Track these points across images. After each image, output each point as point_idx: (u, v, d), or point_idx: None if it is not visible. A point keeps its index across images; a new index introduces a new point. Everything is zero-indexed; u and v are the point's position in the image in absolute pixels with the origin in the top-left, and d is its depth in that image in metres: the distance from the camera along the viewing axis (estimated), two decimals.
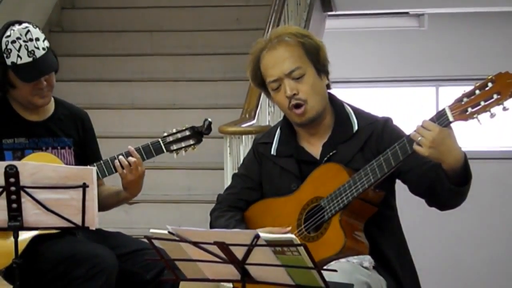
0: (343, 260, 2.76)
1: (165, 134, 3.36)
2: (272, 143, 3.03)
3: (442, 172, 2.70)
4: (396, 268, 2.87)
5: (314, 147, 2.96)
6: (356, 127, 2.92)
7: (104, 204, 3.35)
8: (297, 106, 2.88)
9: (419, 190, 2.84)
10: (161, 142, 3.33)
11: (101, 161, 3.29)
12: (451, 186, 2.70)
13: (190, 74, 7.40)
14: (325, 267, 2.67)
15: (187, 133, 3.36)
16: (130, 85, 7.36)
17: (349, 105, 3.00)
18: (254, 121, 5.54)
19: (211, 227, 3.06)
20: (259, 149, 3.06)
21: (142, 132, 6.80)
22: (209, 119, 3.36)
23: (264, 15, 6.70)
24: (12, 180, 2.82)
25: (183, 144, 3.35)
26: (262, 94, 5.76)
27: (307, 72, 2.89)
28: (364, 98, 10.41)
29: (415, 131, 2.67)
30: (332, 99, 2.99)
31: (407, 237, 2.98)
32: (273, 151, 3.01)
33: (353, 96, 9.72)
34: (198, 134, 3.36)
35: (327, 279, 2.31)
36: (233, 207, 3.05)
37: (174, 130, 3.35)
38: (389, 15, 9.94)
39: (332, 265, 2.73)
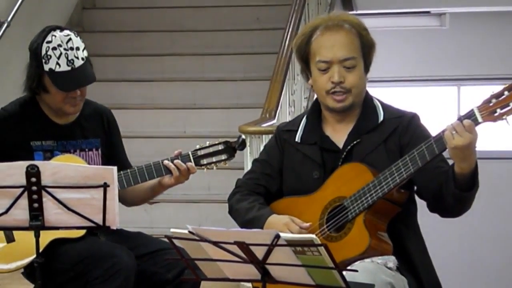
0: (367, 260, 2.74)
1: (198, 147, 3.28)
2: (297, 130, 3.03)
3: (451, 175, 2.69)
4: (417, 265, 2.86)
5: (339, 135, 2.95)
6: (381, 118, 2.93)
7: (136, 198, 3.39)
8: (339, 92, 2.89)
9: (425, 192, 2.84)
10: (191, 155, 3.26)
11: (135, 168, 3.24)
12: (455, 190, 2.68)
13: (211, 74, 7.41)
14: (348, 267, 2.66)
15: (220, 147, 3.28)
16: (151, 85, 7.38)
17: (378, 99, 3.02)
18: (275, 121, 5.54)
19: (232, 210, 3.05)
20: (283, 136, 3.06)
21: (162, 132, 6.81)
22: (243, 136, 3.31)
23: (284, 15, 6.70)
24: (33, 179, 2.81)
25: (214, 159, 3.28)
26: (283, 94, 5.85)
27: (358, 64, 2.90)
28: (385, 98, 10.31)
29: (453, 126, 2.61)
30: None
31: (426, 235, 2.97)
32: (297, 139, 3.01)
33: (374, 96, 9.68)
34: (231, 149, 3.28)
35: (350, 279, 2.30)
36: (253, 191, 3.05)
37: (207, 143, 3.28)
38: (410, 14, 9.92)
39: (356, 265, 2.72)
